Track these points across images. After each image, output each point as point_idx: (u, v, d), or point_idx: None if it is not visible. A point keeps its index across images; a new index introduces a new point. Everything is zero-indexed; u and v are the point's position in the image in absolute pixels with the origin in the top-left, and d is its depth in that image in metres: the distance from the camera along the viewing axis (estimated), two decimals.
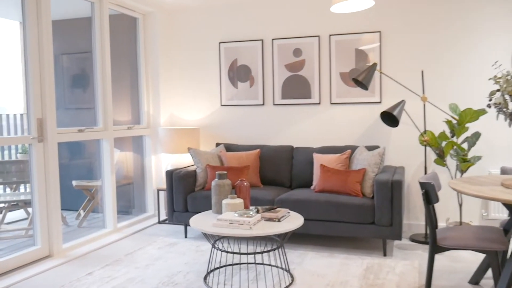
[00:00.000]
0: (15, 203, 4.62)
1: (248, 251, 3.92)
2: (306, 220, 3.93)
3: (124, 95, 5.24)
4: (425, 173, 4.27)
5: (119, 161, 5.30)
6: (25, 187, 5.33)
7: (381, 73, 4.43)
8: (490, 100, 2.91)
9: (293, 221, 3.15)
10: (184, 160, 5.03)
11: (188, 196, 4.30)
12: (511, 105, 2.83)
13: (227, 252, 3.08)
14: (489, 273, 3.29)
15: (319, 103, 4.79)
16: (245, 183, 3.36)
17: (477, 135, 4.04)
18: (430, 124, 4.44)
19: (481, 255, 3.76)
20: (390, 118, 4.26)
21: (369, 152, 4.11)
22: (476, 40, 4.25)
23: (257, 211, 3.25)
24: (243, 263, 3.62)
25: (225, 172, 3.43)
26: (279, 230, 2.94)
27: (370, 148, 4.39)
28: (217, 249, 3.16)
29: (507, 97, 2.81)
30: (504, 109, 2.82)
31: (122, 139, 5.20)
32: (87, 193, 5.05)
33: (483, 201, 4.32)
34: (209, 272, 3.40)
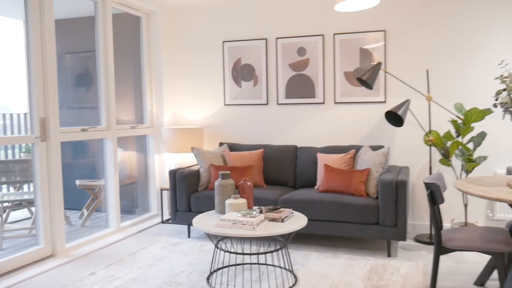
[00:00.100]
0: (18, 202, 4.62)
1: (252, 252, 3.90)
2: (310, 220, 3.91)
3: (128, 94, 5.23)
4: (430, 173, 4.24)
5: (122, 160, 5.29)
6: (28, 187, 5.34)
7: (385, 72, 4.40)
8: (496, 100, 2.88)
9: (296, 222, 3.13)
10: (187, 159, 5.01)
11: (191, 196, 4.28)
12: None
13: (230, 252, 3.06)
14: (495, 274, 3.26)
15: (323, 103, 4.76)
16: (249, 183, 3.35)
17: (482, 135, 4.01)
18: (435, 124, 4.40)
19: (486, 256, 3.73)
20: (394, 118, 4.23)
21: (373, 152, 4.09)
22: (482, 39, 4.21)
23: (261, 211, 3.23)
24: (246, 264, 3.61)
25: (228, 172, 3.41)
26: (283, 231, 2.92)
27: (374, 148, 4.36)
28: (220, 249, 3.14)
29: None
30: (511, 109, 2.79)
31: (126, 139, 5.20)
32: (91, 192, 5.05)
33: (488, 201, 4.29)
34: (212, 272, 3.39)
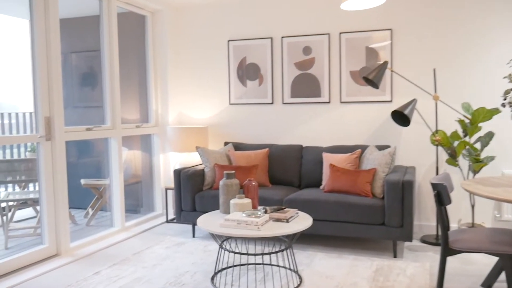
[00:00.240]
0: (23, 201, 4.63)
1: (256, 252, 3.89)
2: (315, 220, 3.88)
3: (133, 93, 5.22)
4: (437, 173, 4.20)
5: (127, 159, 5.29)
6: (34, 186, 5.35)
7: (392, 71, 4.37)
8: (504, 99, 2.84)
9: (301, 222, 3.11)
10: (192, 159, 5.00)
11: (196, 196, 4.27)
12: None
13: (234, 252, 3.04)
14: (503, 276, 3.22)
15: (329, 102, 4.73)
16: (253, 183, 3.33)
17: (490, 135, 3.96)
18: (442, 124, 4.36)
19: (494, 257, 3.69)
20: (401, 117, 4.19)
21: (379, 151, 4.05)
22: (490, 37, 4.17)
23: (265, 212, 3.21)
24: (251, 264, 3.59)
25: (233, 172, 3.39)
26: (288, 231, 2.90)
27: (380, 148, 4.33)
28: (224, 250, 3.12)
29: None
30: None
31: (131, 138, 5.19)
32: (95, 191, 5.05)
33: (496, 202, 4.24)
34: (216, 273, 3.37)
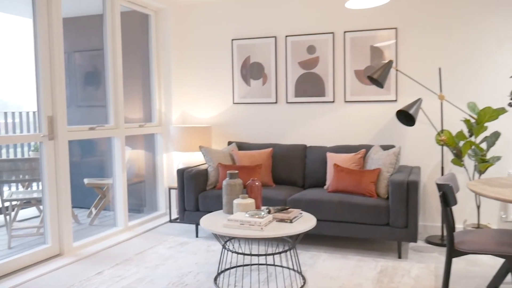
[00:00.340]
0: (27, 200, 4.63)
1: (260, 252, 3.86)
2: (319, 220, 3.86)
3: (136, 92, 5.21)
4: (442, 173, 4.16)
5: (130, 159, 5.28)
6: (37, 185, 5.35)
7: (397, 70, 4.33)
8: (511, 99, 2.80)
9: (305, 222, 3.08)
10: (195, 158, 4.98)
11: (199, 195, 4.25)
12: None
13: (237, 253, 3.02)
14: (509, 278, 3.19)
15: (333, 101, 4.70)
16: (257, 183, 3.30)
17: (496, 135, 3.92)
18: (448, 123, 4.32)
19: (499, 259, 3.65)
20: (406, 117, 4.16)
21: (384, 151, 4.02)
22: (496, 36, 4.12)
23: (269, 212, 3.18)
24: (254, 264, 3.57)
25: (236, 172, 3.37)
26: (291, 232, 2.87)
27: (385, 148, 4.29)
28: (227, 250, 3.10)
29: None
30: None
31: (134, 137, 5.18)
32: (99, 191, 5.04)
33: (502, 203, 4.19)
34: (219, 273, 3.35)
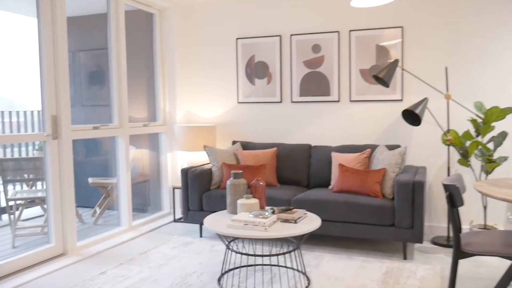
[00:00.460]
0: (31, 200, 4.63)
1: (264, 253, 3.84)
2: (324, 221, 3.83)
3: (140, 92, 5.19)
4: (448, 173, 4.12)
5: (134, 158, 5.27)
6: (42, 184, 5.35)
7: (402, 69, 4.29)
8: None
9: (310, 223, 3.06)
10: (200, 158, 4.97)
11: (203, 195, 4.23)
12: None
13: (241, 253, 3.00)
14: None
15: (338, 101, 4.66)
16: (261, 183, 3.28)
17: (503, 135, 3.88)
18: (454, 123, 4.27)
19: (507, 260, 3.60)
20: (412, 117, 4.12)
21: (389, 151, 3.99)
22: (503, 35, 4.07)
23: (273, 212, 3.16)
24: (258, 265, 3.54)
25: (241, 171, 3.35)
26: (295, 232, 2.85)
27: (390, 148, 4.26)
28: (231, 251, 3.08)
29: None
30: None
31: (138, 136, 5.17)
32: (103, 190, 5.04)
33: (509, 204, 4.15)
34: (223, 274, 3.33)
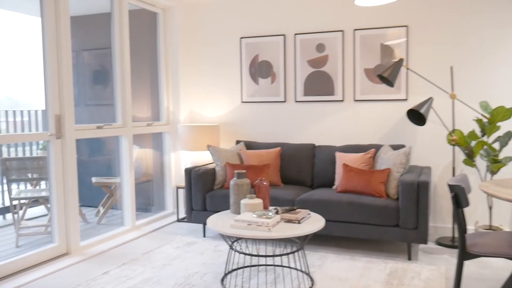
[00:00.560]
0: (35, 199, 4.63)
1: (267, 253, 3.82)
2: (328, 221, 3.81)
3: (144, 91, 5.19)
4: (453, 174, 4.09)
5: (138, 158, 5.26)
6: (46, 184, 5.36)
7: (407, 69, 4.26)
8: None
9: (313, 223, 3.04)
10: (203, 157, 4.96)
11: (207, 195, 4.22)
12: None
13: (245, 254, 2.98)
14: None
15: (343, 100, 4.64)
16: (265, 183, 3.26)
17: (509, 135, 3.84)
18: (459, 123, 4.24)
19: (511, 262, 3.58)
20: (417, 116, 4.09)
21: (394, 151, 3.96)
22: (509, 34, 4.03)
23: (277, 212, 3.14)
24: (262, 265, 3.53)
25: (244, 171, 3.33)
26: (299, 233, 2.83)
27: (395, 147, 4.23)
28: (234, 251, 3.07)
29: None
30: None
31: (142, 136, 5.16)
32: (106, 190, 5.04)
33: None
34: (226, 274, 3.32)
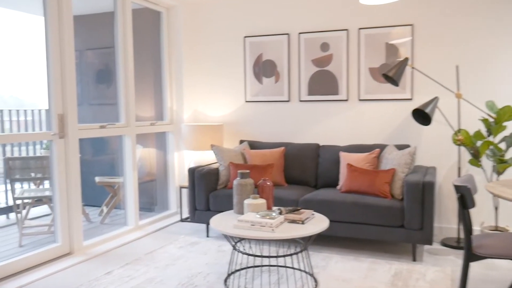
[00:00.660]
0: (38, 198, 4.63)
1: (271, 253, 3.80)
2: (332, 221, 3.78)
3: (147, 90, 5.17)
4: (459, 174, 4.05)
5: (142, 157, 5.25)
6: (49, 183, 5.36)
7: (412, 68, 4.22)
8: None
9: (317, 224, 3.01)
10: (207, 157, 4.94)
11: (210, 195, 4.20)
12: None
13: (248, 254, 2.96)
14: None
15: (347, 100, 4.61)
16: (268, 183, 3.24)
17: None
18: (465, 123, 4.20)
19: None
20: (422, 116, 4.05)
21: (399, 151, 3.92)
22: None
23: (280, 213, 3.12)
24: (265, 266, 3.51)
25: (248, 171, 3.31)
26: (303, 233, 2.80)
27: (400, 147, 4.20)
28: (238, 251, 3.04)
29: None
30: None
31: (145, 135, 5.15)
32: (110, 189, 5.03)
33: None
34: (229, 274, 3.30)
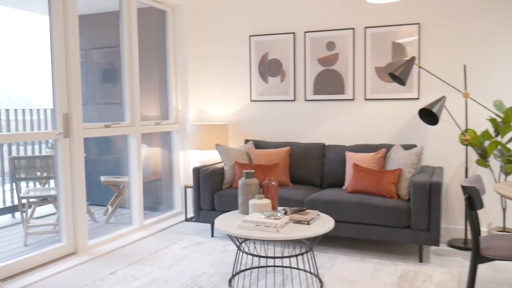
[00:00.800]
0: (44, 198, 4.63)
1: (276, 254, 3.78)
2: (337, 222, 3.75)
3: (153, 90, 5.16)
4: (466, 174, 4.00)
5: (147, 157, 5.24)
6: (55, 182, 5.36)
7: (419, 67, 4.18)
8: None
9: (323, 224, 2.99)
10: (212, 157, 4.92)
11: (215, 194, 4.18)
12: None
13: (253, 255, 2.94)
14: None
15: (353, 99, 4.57)
16: (273, 183, 3.22)
17: None
18: (472, 122, 4.16)
19: None
20: (429, 116, 4.01)
21: (405, 151, 3.89)
22: None
23: (285, 213, 3.09)
24: (270, 266, 3.48)
25: (253, 171, 3.29)
26: (308, 234, 2.78)
27: (406, 147, 4.16)
28: (242, 252, 3.03)
29: None
30: None
31: (150, 135, 5.14)
32: (115, 189, 5.02)
33: None
34: (234, 275, 3.28)
